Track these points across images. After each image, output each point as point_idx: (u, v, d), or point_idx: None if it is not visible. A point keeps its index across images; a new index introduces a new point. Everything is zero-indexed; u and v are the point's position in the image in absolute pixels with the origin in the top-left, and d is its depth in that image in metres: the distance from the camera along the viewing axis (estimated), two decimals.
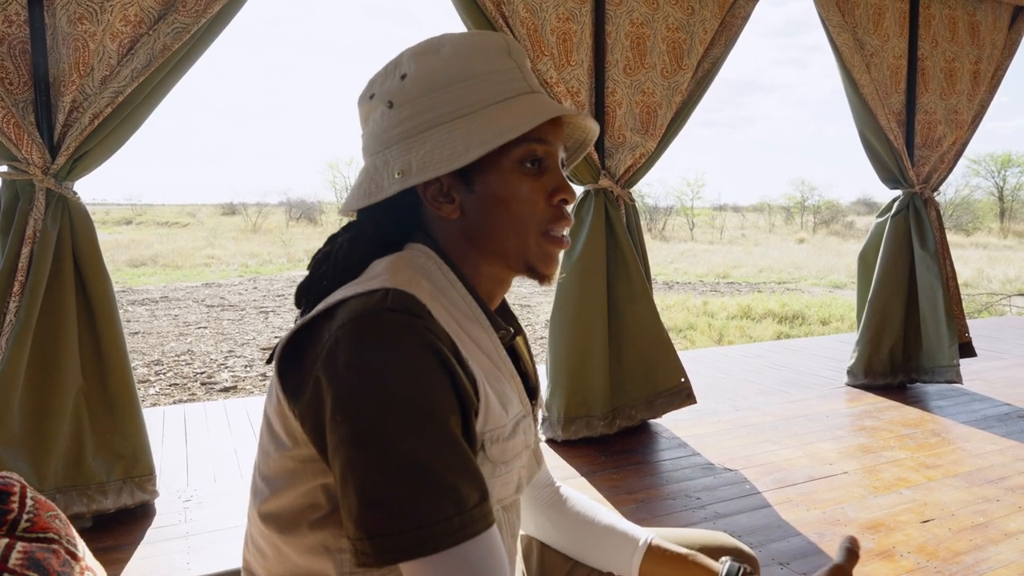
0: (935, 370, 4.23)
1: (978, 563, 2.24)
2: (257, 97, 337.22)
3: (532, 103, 0.86)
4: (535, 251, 0.89)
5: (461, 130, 0.84)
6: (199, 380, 6.51)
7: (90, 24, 2.39)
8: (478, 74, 0.86)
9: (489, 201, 0.87)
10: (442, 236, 0.90)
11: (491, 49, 0.88)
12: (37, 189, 2.40)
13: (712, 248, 24.56)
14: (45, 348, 2.40)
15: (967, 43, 4.36)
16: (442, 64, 0.86)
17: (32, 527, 0.68)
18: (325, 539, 0.80)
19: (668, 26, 3.45)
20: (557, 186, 0.89)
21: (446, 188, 0.87)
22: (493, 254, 0.89)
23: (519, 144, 0.85)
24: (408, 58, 0.88)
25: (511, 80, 0.88)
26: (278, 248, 22.10)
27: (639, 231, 3.58)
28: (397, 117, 0.87)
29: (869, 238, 4.52)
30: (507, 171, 0.86)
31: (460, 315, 0.86)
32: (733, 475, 3.00)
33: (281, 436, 0.80)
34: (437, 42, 0.88)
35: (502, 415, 0.84)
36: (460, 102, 0.85)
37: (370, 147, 0.90)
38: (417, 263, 0.86)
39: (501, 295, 0.95)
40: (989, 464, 3.11)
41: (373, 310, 0.75)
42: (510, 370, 0.90)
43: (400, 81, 0.87)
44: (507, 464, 0.86)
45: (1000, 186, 42.10)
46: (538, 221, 0.88)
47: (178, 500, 2.77)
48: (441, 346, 0.75)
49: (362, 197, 0.88)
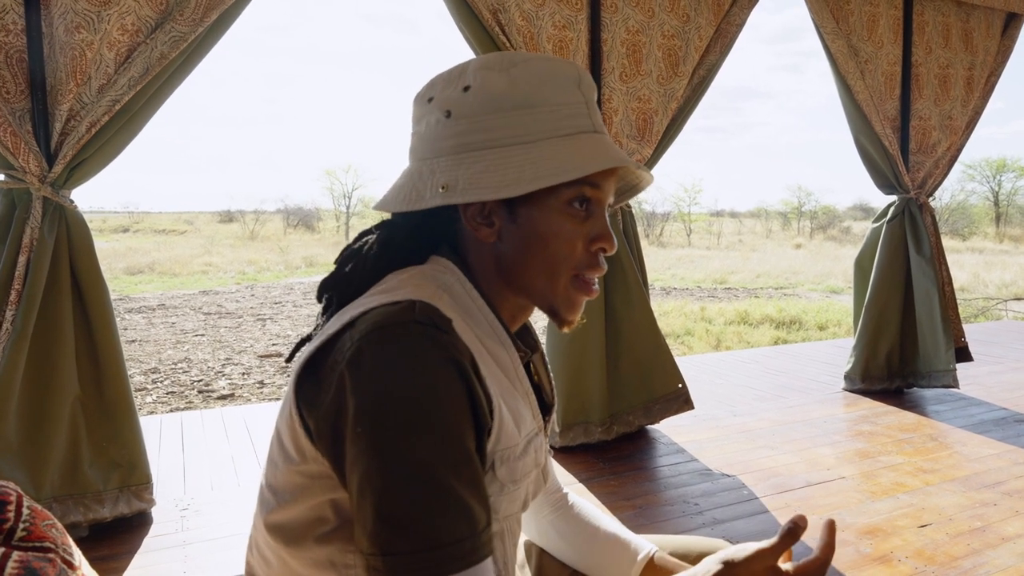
0: (932, 375, 4.23)
1: (976, 567, 2.24)
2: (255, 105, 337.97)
3: (594, 145, 0.84)
4: (562, 294, 0.87)
5: (516, 159, 0.81)
6: (196, 388, 6.49)
7: (87, 33, 2.39)
8: (544, 103, 0.83)
9: (529, 234, 0.84)
10: (472, 255, 0.88)
11: (562, 78, 0.85)
12: (34, 198, 2.40)
13: (709, 254, 24.61)
14: (42, 356, 2.40)
15: (960, 49, 4.38)
16: (509, 85, 0.83)
17: (28, 536, 0.68)
18: (331, 554, 0.79)
19: (664, 33, 3.47)
20: (600, 234, 0.86)
21: (488, 211, 0.85)
22: (520, 287, 0.88)
23: (572, 185, 0.83)
24: (475, 70, 0.85)
25: (577, 115, 0.85)
26: (275, 255, 22.10)
27: (636, 237, 3.59)
28: (453, 129, 0.84)
29: (865, 243, 4.54)
30: (554, 209, 0.83)
31: (481, 332, 0.85)
32: (731, 481, 3.00)
33: (290, 450, 0.79)
34: (509, 60, 0.85)
35: (514, 434, 0.83)
36: (520, 128, 0.82)
37: (418, 151, 0.88)
38: (440, 279, 0.85)
39: (522, 321, 0.94)
40: (986, 468, 3.11)
41: (399, 320, 0.73)
42: (525, 388, 0.89)
43: (463, 92, 0.84)
44: (516, 483, 0.85)
45: (995, 191, 42.29)
46: (574, 264, 0.86)
47: (175, 509, 2.76)
48: (464, 361, 0.74)
49: (401, 201, 0.86)
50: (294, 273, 18.01)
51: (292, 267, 19.26)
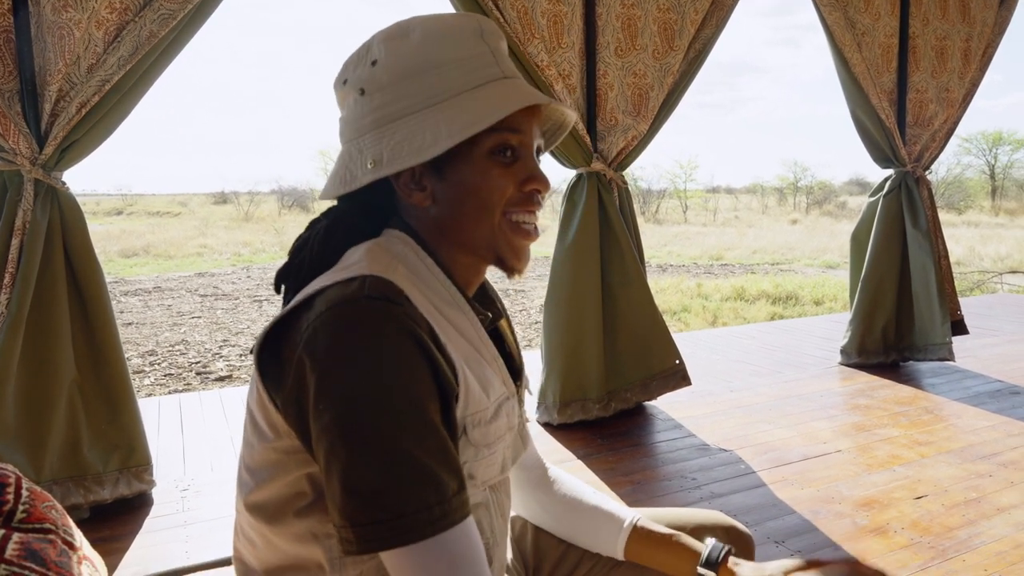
0: (928, 348, 4.25)
1: (971, 538, 2.27)
2: (248, 84, 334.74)
3: (503, 90, 0.84)
4: (502, 240, 0.87)
5: (430, 120, 0.82)
6: (194, 370, 6.50)
7: (75, 12, 2.36)
8: (449, 61, 0.84)
9: (460, 190, 0.85)
10: (416, 223, 0.89)
11: (463, 33, 0.86)
12: (25, 180, 2.38)
13: (705, 230, 24.60)
14: (38, 340, 2.39)
15: (958, 21, 4.35)
16: (412, 50, 0.84)
17: (28, 518, 0.68)
18: (312, 526, 0.80)
19: (659, 7, 3.43)
20: (530, 175, 0.87)
21: (418, 176, 0.87)
22: (463, 243, 0.88)
23: (490, 134, 0.84)
24: (378, 43, 0.86)
25: (483, 66, 0.86)
26: (270, 236, 22.02)
27: (632, 214, 3.58)
28: (369, 105, 0.86)
29: (861, 218, 4.53)
30: (478, 161, 0.85)
31: (439, 300, 0.85)
32: (728, 455, 3.02)
33: (263, 428, 0.80)
34: (407, 26, 0.86)
35: (483, 399, 0.84)
36: (430, 90, 0.83)
37: (345, 133, 0.90)
38: (394, 249, 0.86)
39: (477, 282, 0.95)
40: (981, 440, 3.14)
41: (351, 298, 0.74)
42: (492, 353, 0.90)
43: (371, 68, 0.86)
44: (490, 447, 0.86)
45: (991, 164, 42.23)
46: (503, 204, 0.86)
47: (175, 489, 2.77)
48: (420, 332, 0.75)
49: (339, 185, 0.87)
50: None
51: (287, 248, 19.19)
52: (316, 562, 0.82)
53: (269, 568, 0.85)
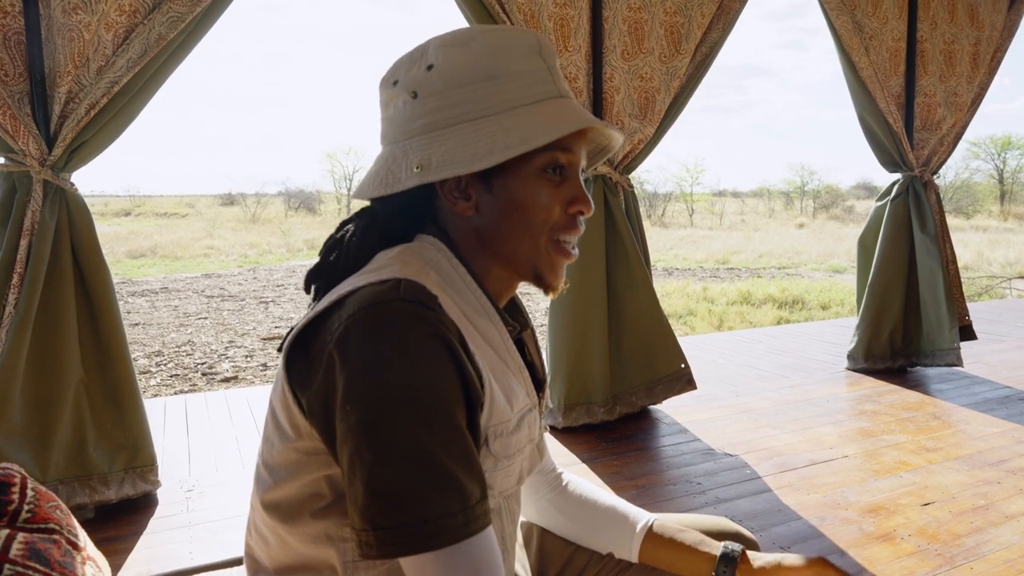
0: (935, 353, 4.23)
1: (979, 545, 2.25)
2: (255, 86, 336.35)
3: (560, 110, 0.84)
4: (544, 258, 0.88)
5: (485, 131, 0.82)
6: (200, 371, 6.51)
7: (85, 14, 2.37)
8: (507, 73, 0.84)
9: (506, 204, 0.85)
10: (455, 231, 0.89)
11: (522, 47, 0.86)
12: (34, 181, 2.39)
13: (712, 234, 24.54)
14: (45, 340, 2.40)
15: (966, 25, 4.33)
16: (471, 59, 0.84)
17: (33, 518, 0.68)
18: (328, 528, 0.80)
19: (666, 10, 3.43)
20: (575, 196, 0.87)
21: (464, 185, 0.86)
22: (503, 257, 0.88)
23: (544, 151, 0.84)
24: (436, 48, 0.86)
25: (540, 82, 0.86)
26: (277, 238, 22.08)
27: (638, 217, 3.58)
28: (421, 109, 0.85)
29: (869, 222, 4.51)
30: (528, 177, 0.85)
31: (469, 309, 0.85)
32: (734, 460, 3.01)
33: (285, 427, 0.80)
34: (467, 35, 0.86)
35: (506, 410, 0.84)
36: (486, 101, 0.83)
37: (389, 135, 0.89)
38: (426, 255, 0.86)
39: (509, 295, 0.95)
40: (990, 447, 3.12)
41: (385, 299, 0.74)
42: (518, 364, 0.90)
43: (426, 71, 0.85)
44: (510, 459, 0.86)
45: (1000, 169, 42.03)
46: (551, 227, 0.87)
47: (180, 490, 2.78)
48: (451, 338, 0.75)
49: (378, 186, 0.86)
50: (296, 256, 18.00)
51: (294, 250, 19.24)
52: (329, 564, 0.81)
53: (280, 567, 0.85)
